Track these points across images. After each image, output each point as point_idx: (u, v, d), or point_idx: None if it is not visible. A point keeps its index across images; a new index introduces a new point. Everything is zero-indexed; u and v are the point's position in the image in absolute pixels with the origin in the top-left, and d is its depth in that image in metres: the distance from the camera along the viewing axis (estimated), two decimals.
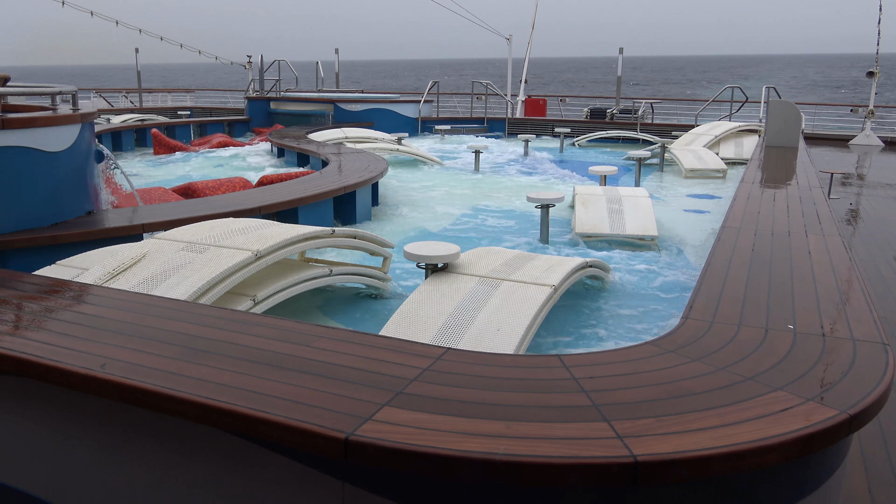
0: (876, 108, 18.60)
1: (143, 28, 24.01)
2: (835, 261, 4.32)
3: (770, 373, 2.58)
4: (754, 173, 8.74)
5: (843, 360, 2.72)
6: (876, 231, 8.59)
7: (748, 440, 2.06)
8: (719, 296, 3.56)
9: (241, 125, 20.26)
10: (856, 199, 10.92)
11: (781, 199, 6.81)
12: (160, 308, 3.33)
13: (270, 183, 9.09)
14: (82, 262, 4.85)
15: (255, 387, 2.43)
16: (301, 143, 12.92)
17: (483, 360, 2.73)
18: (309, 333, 2.97)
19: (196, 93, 27.89)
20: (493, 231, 8.51)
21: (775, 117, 12.84)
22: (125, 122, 18.33)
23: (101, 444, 2.68)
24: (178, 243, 4.89)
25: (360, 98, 19.87)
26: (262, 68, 21.95)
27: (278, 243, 4.84)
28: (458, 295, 4.63)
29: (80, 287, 3.74)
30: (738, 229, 5.21)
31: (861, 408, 2.30)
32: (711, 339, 2.95)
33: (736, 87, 19.78)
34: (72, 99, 6.31)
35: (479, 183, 12.28)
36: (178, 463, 2.52)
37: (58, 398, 2.72)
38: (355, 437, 2.08)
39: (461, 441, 2.06)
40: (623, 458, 1.98)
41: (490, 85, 20.87)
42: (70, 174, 5.90)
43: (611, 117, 20.48)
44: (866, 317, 3.25)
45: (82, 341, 2.87)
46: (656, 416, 2.23)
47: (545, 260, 5.35)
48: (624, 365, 2.66)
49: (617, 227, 7.64)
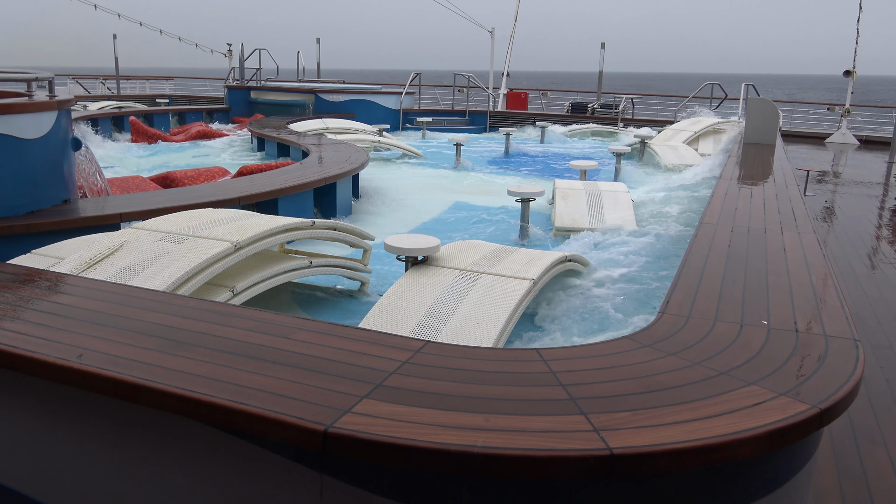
0: (852, 106, 18.86)
1: (121, 13, 23.69)
2: (809, 257, 4.39)
3: (744, 367, 2.62)
4: (732, 170, 8.83)
5: (816, 355, 2.77)
6: (850, 228, 8.73)
7: (722, 434, 2.10)
8: (696, 291, 3.60)
9: (221, 114, 20.09)
10: (831, 196, 11.08)
11: (758, 195, 6.89)
12: (138, 298, 3.31)
13: (250, 173, 9.03)
14: (58, 252, 4.79)
15: (233, 378, 2.43)
16: (281, 134, 12.84)
17: (462, 353, 2.74)
18: (288, 325, 2.97)
19: (175, 80, 27.58)
20: (473, 224, 8.53)
21: (754, 114, 12.97)
22: (102, 110, 18.09)
23: (78, 435, 2.66)
24: (156, 233, 4.84)
25: (342, 89, 19.77)
26: (242, 57, 21.76)
27: (258, 234, 4.81)
28: (438, 288, 4.64)
29: (56, 276, 3.70)
30: (716, 225, 5.27)
31: (832, 402, 2.34)
32: (687, 334, 2.99)
33: (716, 84, 19.95)
34: (48, 85, 6.22)
35: (460, 176, 12.29)
36: (155, 454, 2.51)
37: (33, 389, 2.70)
38: (334, 429, 2.08)
39: (440, 434, 2.07)
40: (599, 450, 2.00)
41: (472, 77, 20.86)
42: (46, 162, 5.82)
43: (592, 112, 20.57)
44: (838, 313, 3.31)
45: (58, 331, 2.85)
46: (632, 409, 2.26)
47: (525, 254, 5.38)
48: (601, 359, 2.69)
49: (596, 222, 7.70)
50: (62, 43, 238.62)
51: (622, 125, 18.70)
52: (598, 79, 22.25)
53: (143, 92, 25.06)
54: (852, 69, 18.00)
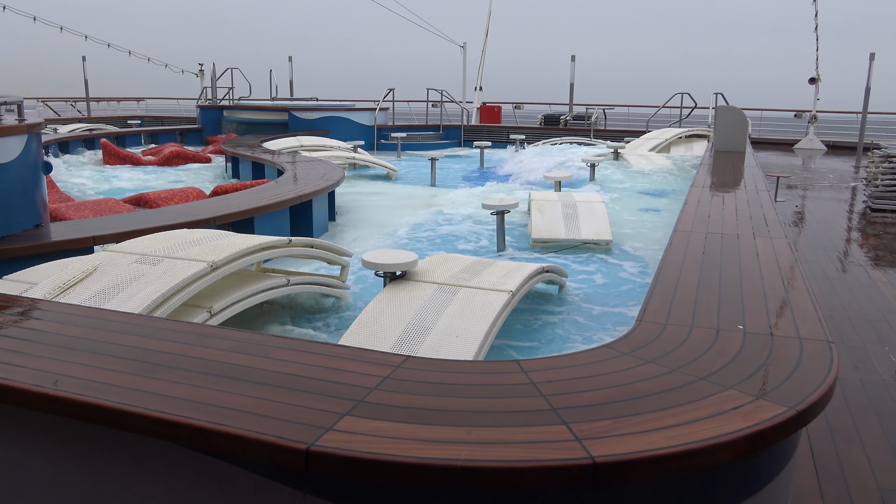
0: (818, 112, 19.23)
1: (89, 35, 23.52)
2: (781, 262, 4.46)
3: (721, 372, 2.65)
4: (703, 178, 8.95)
5: (791, 358, 2.81)
6: (820, 232, 8.88)
7: (702, 438, 2.12)
8: (672, 298, 3.64)
9: (194, 134, 19.96)
10: (801, 201, 11.27)
11: (730, 202, 6.99)
12: (113, 322, 3.27)
13: (225, 193, 8.98)
14: (31, 277, 4.72)
15: (212, 399, 2.40)
16: (255, 152, 12.78)
17: (443, 366, 2.75)
18: (266, 344, 2.95)
19: (146, 101, 27.40)
20: (450, 238, 8.55)
21: (723, 122, 13.18)
22: (73, 132, 17.90)
23: (56, 462, 2.62)
24: (130, 255, 4.79)
25: (315, 106, 19.76)
26: (214, 76, 21.68)
27: (234, 254, 4.78)
28: (416, 302, 4.64)
29: (29, 302, 3.64)
30: (689, 233, 5.34)
31: (808, 404, 2.38)
32: (665, 340, 3.02)
33: (685, 94, 20.25)
34: (17, 109, 6.15)
35: (436, 191, 12.33)
36: (135, 479, 2.47)
37: (8, 417, 2.65)
38: (316, 447, 2.07)
39: (422, 448, 2.07)
40: (582, 459, 2.01)
41: (445, 92, 20.97)
42: (16, 186, 5.74)
43: (564, 123, 20.76)
44: (812, 316, 3.36)
45: (33, 358, 2.80)
46: (613, 417, 2.27)
47: (502, 266, 5.40)
48: (581, 368, 2.71)
49: (572, 233, 7.75)
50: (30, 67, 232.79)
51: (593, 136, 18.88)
52: (570, 91, 22.49)
53: (113, 114, 24.85)
54: (816, 76, 18.38)
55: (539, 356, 4.02)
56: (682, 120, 20.04)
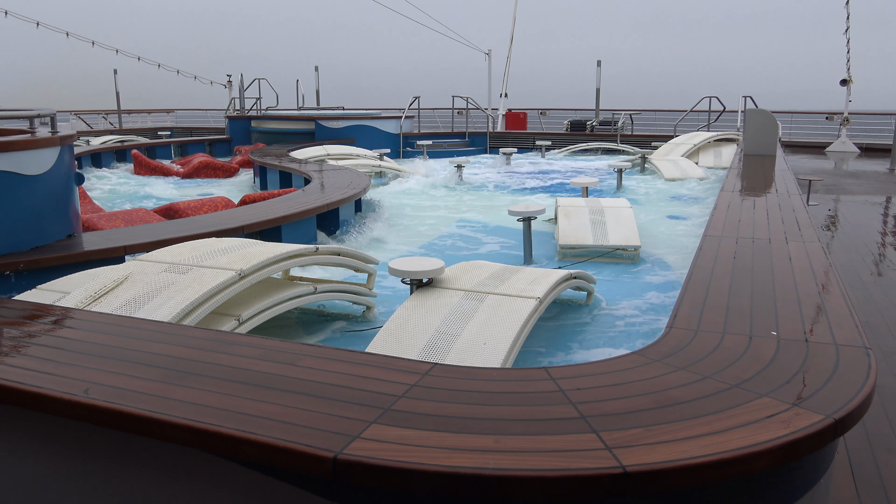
0: (851, 115, 18.90)
1: (119, 49, 23.96)
2: (815, 267, 4.37)
3: (755, 379, 2.60)
4: (734, 182, 8.83)
5: (827, 365, 2.74)
6: (854, 236, 8.70)
7: (736, 447, 2.07)
8: (703, 304, 3.59)
9: (223, 144, 20.20)
10: (833, 205, 11.07)
11: (761, 206, 6.88)
12: (143, 330, 3.30)
13: (253, 202, 9.06)
14: (63, 286, 4.79)
15: (240, 407, 2.41)
16: (283, 162, 12.89)
17: (470, 374, 2.73)
18: (294, 352, 2.96)
19: (176, 112, 27.81)
20: (476, 245, 8.53)
21: (753, 126, 13.01)
22: (105, 144, 18.22)
23: (85, 470, 2.64)
24: (160, 264, 4.85)
25: (342, 115, 19.89)
26: (242, 87, 21.93)
27: (262, 262, 4.81)
28: (443, 309, 4.63)
29: (62, 311, 3.70)
30: (720, 237, 5.26)
31: (846, 412, 2.32)
32: (696, 347, 2.97)
33: (714, 97, 20.03)
34: (50, 122, 6.26)
35: (462, 197, 12.32)
36: (163, 487, 2.48)
37: (40, 425, 2.68)
38: (344, 455, 2.06)
39: (450, 457, 2.05)
40: (612, 468, 1.98)
41: (470, 99, 20.98)
42: (50, 197, 5.84)
43: (591, 129, 20.65)
44: (848, 321, 3.28)
45: (64, 366, 2.84)
46: (644, 425, 2.23)
47: (529, 272, 5.36)
48: (611, 375, 2.67)
49: (600, 238, 7.69)
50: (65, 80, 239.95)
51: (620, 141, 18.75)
52: (596, 96, 22.36)
53: (144, 125, 25.26)
54: (848, 78, 18.07)
55: (567, 363, 3.98)
56: (711, 124, 19.82)
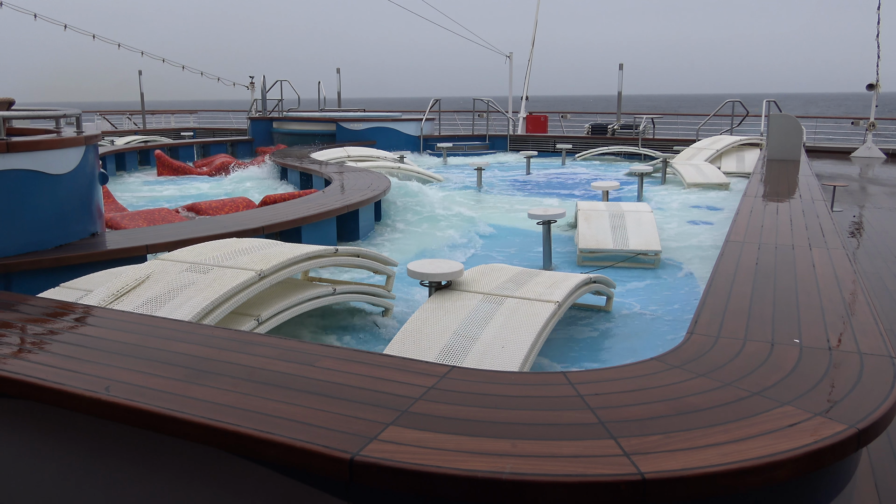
0: (877, 120, 18.62)
1: (145, 51, 24.23)
2: (839, 274, 4.31)
3: (777, 387, 2.56)
4: (756, 187, 8.74)
5: (850, 373, 2.70)
6: (880, 243, 8.57)
7: (756, 456, 2.05)
8: (724, 310, 3.55)
9: (245, 145, 20.35)
10: (859, 211, 10.90)
11: (784, 212, 6.80)
12: (164, 329, 3.33)
13: (274, 202, 9.12)
14: (86, 284, 4.85)
15: (259, 407, 2.42)
16: (304, 163, 12.96)
17: (488, 377, 2.72)
18: (312, 353, 2.97)
19: (199, 113, 28.06)
20: (495, 248, 8.51)
21: (776, 131, 12.86)
22: (128, 144, 18.43)
23: (105, 466, 2.66)
24: (181, 264, 4.89)
25: (362, 117, 19.97)
26: (264, 88, 22.09)
27: (281, 263, 4.84)
28: (462, 312, 4.62)
29: (84, 309, 3.74)
30: (742, 243, 5.20)
31: (870, 422, 2.28)
32: (717, 354, 2.94)
33: (737, 101, 19.83)
34: (76, 122, 6.35)
35: (482, 200, 12.30)
36: (181, 484, 2.50)
37: (62, 421, 2.71)
38: (360, 457, 2.06)
39: (467, 460, 2.04)
40: (631, 475, 1.96)
41: (491, 102, 20.95)
42: (74, 196, 5.92)
43: (612, 133, 20.54)
44: (872, 330, 3.23)
45: (86, 363, 2.87)
46: (663, 432, 2.21)
47: (549, 276, 5.34)
48: (630, 381, 2.65)
49: (620, 243, 7.63)
50: (89, 80, 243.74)
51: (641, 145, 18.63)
52: (618, 100, 22.24)
53: (167, 126, 25.52)
54: (876, 83, 17.82)
55: (586, 368, 3.95)
56: (733, 128, 19.64)
